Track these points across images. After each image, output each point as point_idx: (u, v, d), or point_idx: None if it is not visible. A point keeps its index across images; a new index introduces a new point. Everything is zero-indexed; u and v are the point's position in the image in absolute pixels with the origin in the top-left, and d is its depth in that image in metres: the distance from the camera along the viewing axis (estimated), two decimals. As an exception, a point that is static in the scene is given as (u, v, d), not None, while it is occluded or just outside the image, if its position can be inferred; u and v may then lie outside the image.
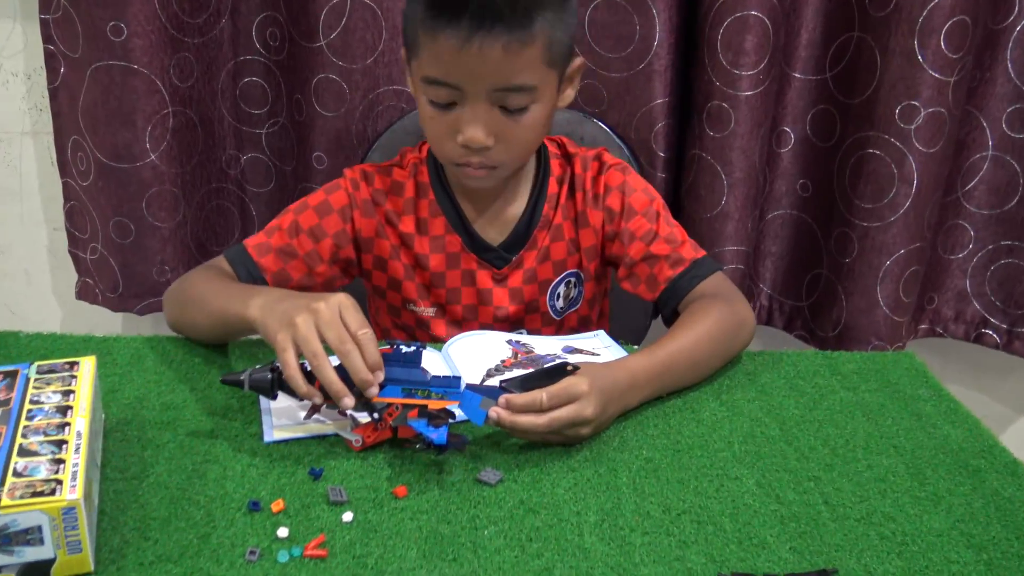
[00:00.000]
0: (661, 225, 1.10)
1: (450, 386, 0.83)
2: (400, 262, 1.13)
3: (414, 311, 1.15)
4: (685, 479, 0.83)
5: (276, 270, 1.07)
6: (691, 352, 0.97)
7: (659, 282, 1.09)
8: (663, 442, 0.89)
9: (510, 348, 1.04)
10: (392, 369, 0.82)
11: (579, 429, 0.84)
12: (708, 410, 0.96)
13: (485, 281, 1.13)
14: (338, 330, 0.81)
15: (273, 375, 0.82)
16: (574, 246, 1.14)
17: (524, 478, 0.81)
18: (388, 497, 0.77)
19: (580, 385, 0.84)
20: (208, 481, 0.78)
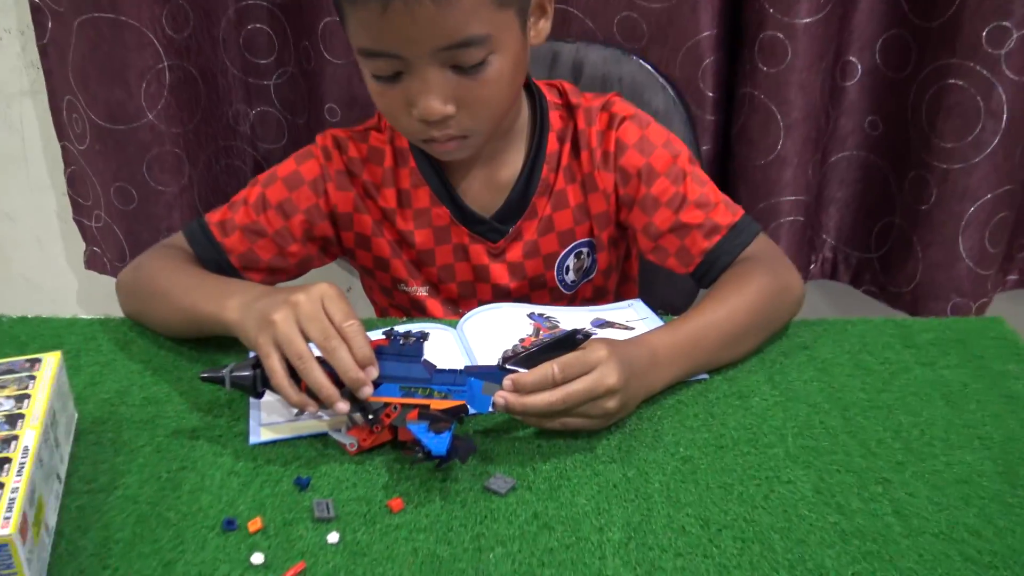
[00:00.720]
0: (689, 186, 0.96)
1: (456, 383, 0.73)
2: (384, 239, 1.02)
3: (406, 291, 1.05)
4: (728, 484, 0.72)
5: (243, 251, 0.97)
6: (725, 326, 0.86)
7: (693, 255, 0.97)
8: (704, 436, 0.78)
9: (531, 323, 0.94)
10: (389, 364, 0.73)
11: (604, 403, 0.74)
12: (758, 394, 0.84)
13: (480, 256, 1.02)
14: (321, 324, 0.71)
15: (256, 372, 0.74)
16: (582, 213, 1.01)
17: (540, 485, 0.72)
18: (382, 511, 0.69)
19: (597, 351, 0.74)
20: (182, 493, 0.71)
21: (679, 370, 0.82)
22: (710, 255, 0.95)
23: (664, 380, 0.81)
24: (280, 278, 1.02)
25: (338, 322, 0.72)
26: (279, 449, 0.76)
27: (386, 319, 0.99)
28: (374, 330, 0.92)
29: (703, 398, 0.84)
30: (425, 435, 0.69)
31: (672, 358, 0.81)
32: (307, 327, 0.72)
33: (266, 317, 0.73)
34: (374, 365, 0.72)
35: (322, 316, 0.72)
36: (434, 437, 0.69)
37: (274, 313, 0.72)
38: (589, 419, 0.75)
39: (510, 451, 0.76)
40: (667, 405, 0.82)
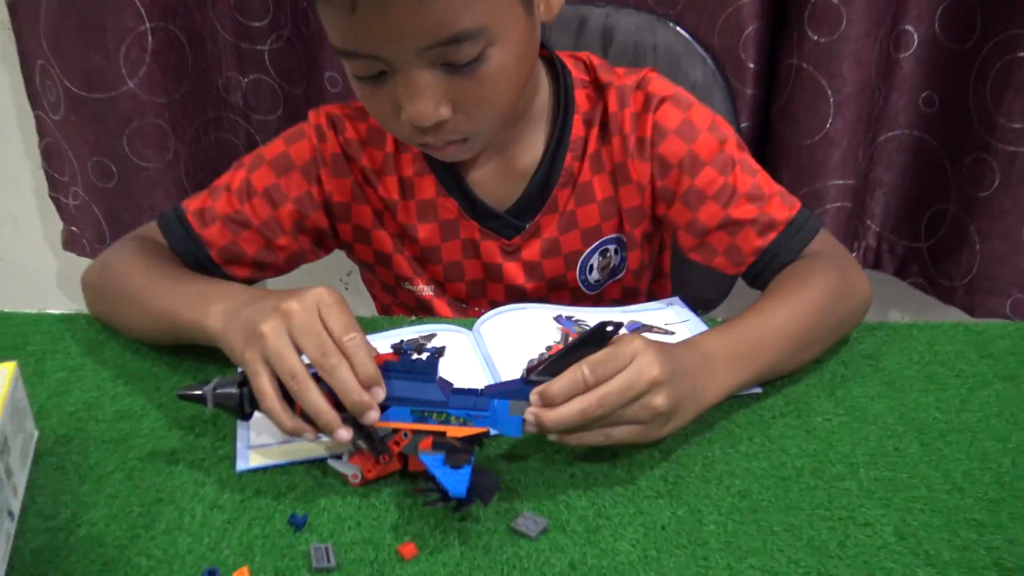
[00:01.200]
0: (740, 177, 0.85)
1: (477, 406, 0.63)
2: (386, 232, 0.92)
3: (411, 290, 0.95)
4: (795, 526, 0.62)
5: (224, 244, 0.87)
6: (788, 328, 0.75)
7: (744, 255, 0.86)
8: (762, 466, 0.68)
9: (558, 328, 0.83)
10: (398, 383, 0.63)
11: (650, 401, 0.63)
12: (819, 413, 0.74)
13: (492, 254, 0.91)
14: (318, 337, 0.61)
15: (243, 391, 0.64)
16: (611, 208, 0.90)
17: (575, 526, 0.62)
18: (391, 559, 0.59)
19: (631, 342, 0.64)
20: (157, 533, 0.61)
21: (736, 378, 0.72)
22: (765, 255, 0.85)
23: (720, 388, 0.71)
24: (268, 274, 0.92)
25: (338, 335, 0.61)
26: (270, 477, 0.66)
27: (391, 318, 0.88)
28: (377, 333, 0.82)
29: (757, 417, 0.74)
30: (441, 471, 0.60)
31: (728, 363, 0.71)
32: (301, 340, 0.61)
33: (254, 328, 0.62)
34: (380, 386, 0.61)
35: (319, 327, 0.62)
36: (452, 473, 0.59)
37: (263, 323, 0.62)
38: (638, 426, 0.64)
39: (538, 482, 0.66)
40: (716, 425, 0.73)
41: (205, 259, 0.87)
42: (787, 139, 1.18)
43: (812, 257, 0.84)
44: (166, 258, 0.85)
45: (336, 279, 1.56)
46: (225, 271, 0.88)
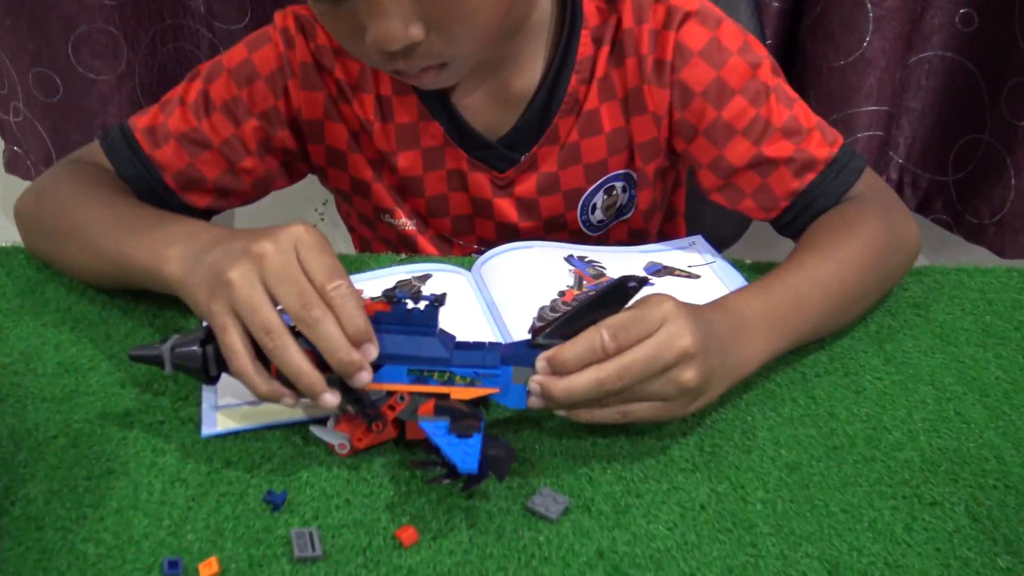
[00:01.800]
0: (774, 108, 0.74)
1: (486, 363, 0.54)
2: (363, 156, 0.81)
3: (392, 223, 0.85)
4: (854, 505, 0.55)
5: (180, 167, 0.76)
6: (832, 285, 0.67)
7: (778, 197, 0.76)
8: (809, 433, 0.60)
9: (570, 270, 0.74)
10: (392, 339, 0.53)
11: (679, 375, 0.54)
12: (869, 371, 0.67)
13: (482, 188, 0.81)
14: (297, 286, 0.52)
15: (207, 349, 0.54)
16: (622, 140, 0.79)
17: (602, 504, 0.54)
18: (387, 546, 0.51)
19: (659, 303, 0.55)
20: (106, 512, 0.52)
21: (773, 345, 0.63)
22: (801, 198, 0.75)
23: (755, 358, 0.62)
24: (233, 202, 0.81)
25: (320, 282, 0.52)
26: (242, 445, 0.57)
27: (377, 256, 0.78)
28: (361, 273, 0.73)
29: (798, 375, 0.66)
30: (446, 441, 0.51)
31: (764, 328, 0.62)
32: (278, 289, 0.52)
33: (221, 275, 0.53)
34: (372, 342, 0.52)
35: (298, 273, 0.52)
36: (459, 444, 0.51)
37: (231, 270, 0.52)
38: (662, 403, 0.56)
39: (555, 452, 0.58)
40: (753, 384, 0.65)
41: (159, 185, 0.76)
42: (817, 59, 1.08)
43: (856, 202, 0.74)
44: (111, 185, 0.74)
45: (311, 209, 1.45)
46: (183, 199, 0.78)
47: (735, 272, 0.76)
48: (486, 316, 0.69)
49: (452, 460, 0.50)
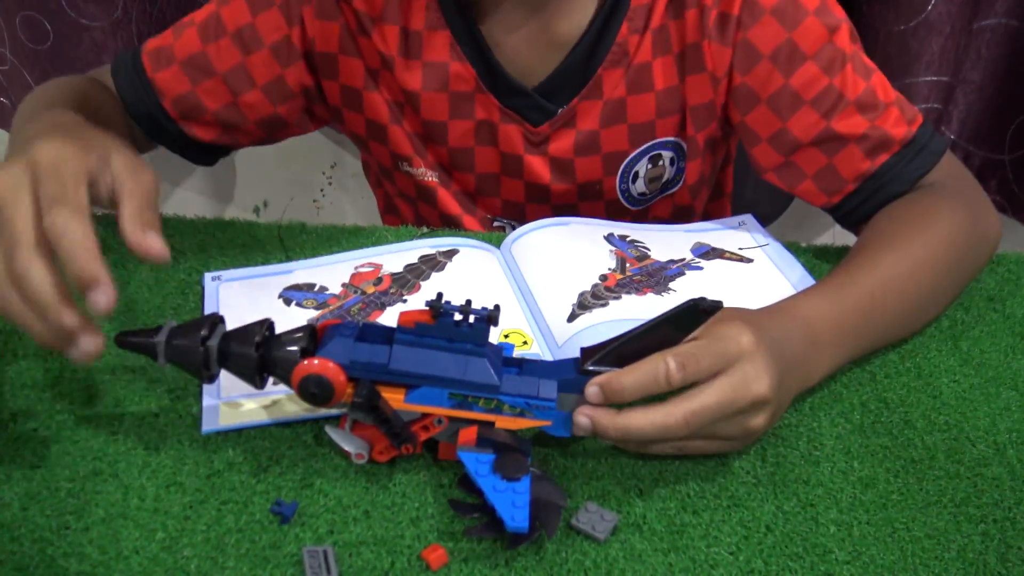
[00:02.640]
0: (849, 78, 0.67)
1: (541, 393, 0.47)
2: (381, 97, 0.74)
3: (410, 173, 0.78)
4: (939, 531, 0.49)
5: (181, 93, 0.72)
6: (907, 287, 0.61)
7: (844, 180, 0.69)
8: (883, 443, 0.54)
9: (611, 251, 0.68)
10: (433, 355, 0.47)
11: (749, 419, 0.49)
12: (944, 372, 0.61)
13: (513, 142, 0.74)
14: (9, 230, 0.43)
15: (208, 346, 0.48)
16: (674, 101, 0.72)
17: (654, 522, 0.48)
18: (413, 568, 0.45)
19: (737, 335, 0.49)
20: (92, 522, 0.46)
21: (844, 355, 0.58)
22: (871, 182, 0.68)
23: (822, 371, 0.56)
24: (239, 139, 0.76)
25: (43, 214, 0.44)
26: (248, 444, 0.51)
27: (397, 229, 0.72)
28: (379, 247, 0.66)
29: (867, 375, 0.60)
30: (491, 485, 0.45)
31: (835, 338, 0.57)
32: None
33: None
34: (104, 283, 0.43)
35: (16, 214, 0.44)
36: (507, 493, 0.45)
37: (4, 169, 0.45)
38: (719, 442, 0.50)
39: (600, 460, 0.52)
40: (819, 388, 0.59)
41: (157, 111, 0.72)
42: (874, 22, 1.00)
43: (932, 190, 0.67)
44: (90, 100, 0.68)
45: (318, 172, 1.38)
46: (183, 128, 0.74)
47: (790, 256, 0.70)
48: (518, 301, 0.63)
49: (499, 513, 0.44)
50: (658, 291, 0.63)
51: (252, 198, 1.41)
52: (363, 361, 0.46)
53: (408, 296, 0.62)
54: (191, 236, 0.69)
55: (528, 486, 0.45)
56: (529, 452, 0.47)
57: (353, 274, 0.65)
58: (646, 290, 0.63)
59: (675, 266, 0.67)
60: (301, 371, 0.45)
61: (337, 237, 0.70)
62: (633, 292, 0.63)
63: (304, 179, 1.39)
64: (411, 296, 0.62)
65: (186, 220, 0.71)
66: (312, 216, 1.41)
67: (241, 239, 0.69)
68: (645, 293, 0.63)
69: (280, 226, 0.70)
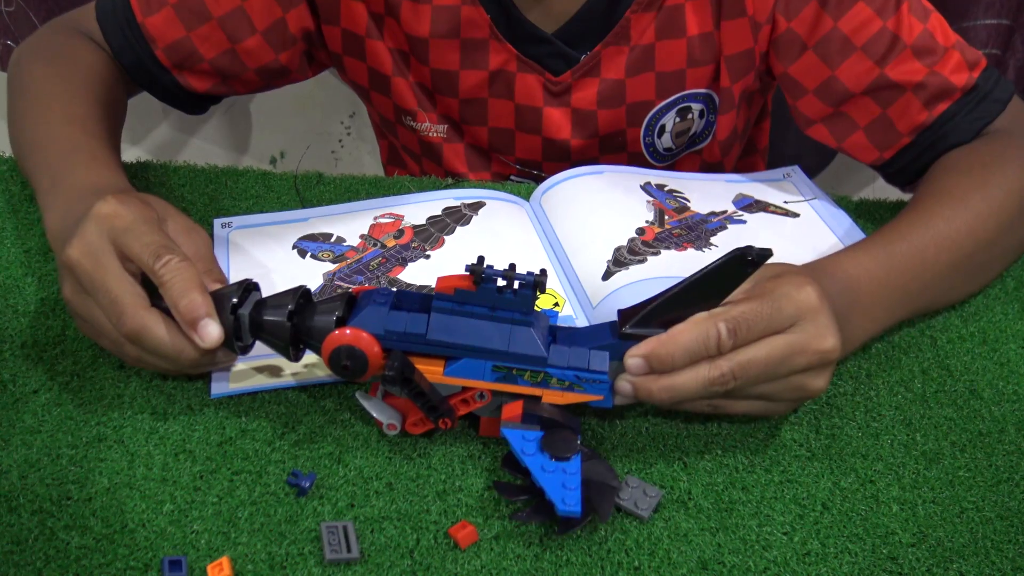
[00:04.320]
0: (905, 20, 0.61)
1: (592, 365, 0.43)
2: (385, 44, 0.69)
3: (414, 128, 0.73)
4: (1012, 511, 0.45)
5: (175, 39, 0.66)
6: (965, 244, 0.56)
7: (899, 134, 0.63)
8: (947, 415, 0.50)
9: (649, 201, 0.63)
10: (475, 324, 0.43)
11: (809, 380, 0.45)
12: (1011, 337, 0.57)
13: (531, 93, 0.69)
14: (106, 296, 0.45)
15: (239, 315, 0.45)
16: (708, 50, 0.67)
17: (700, 499, 0.45)
18: (440, 547, 0.41)
19: (798, 290, 0.45)
20: (95, 492, 0.43)
21: (888, 319, 0.53)
22: (927, 134, 0.62)
23: (864, 335, 0.52)
24: (237, 88, 0.70)
25: (148, 265, 0.45)
26: (261, 408, 0.48)
27: (419, 179, 0.68)
28: (400, 196, 0.63)
29: (928, 340, 0.56)
30: (539, 466, 0.41)
31: (882, 299, 0.52)
32: (93, 302, 0.46)
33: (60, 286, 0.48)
34: (211, 317, 0.45)
35: (108, 282, 0.45)
36: (557, 473, 0.41)
37: (62, 286, 0.48)
38: (764, 403, 0.46)
39: (640, 432, 0.48)
40: (876, 352, 0.54)
41: (149, 60, 0.66)
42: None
43: (995, 137, 0.62)
44: (78, 61, 0.64)
45: (336, 122, 1.33)
46: (178, 79, 0.67)
47: (839, 211, 0.65)
48: (549, 258, 0.59)
49: (549, 496, 0.40)
50: (699, 246, 0.59)
51: (268, 148, 1.37)
52: (399, 331, 0.42)
53: (431, 251, 0.58)
54: (201, 186, 0.65)
55: (579, 466, 0.41)
56: (578, 429, 0.44)
57: (372, 225, 0.61)
58: (686, 245, 0.59)
59: (716, 219, 0.63)
60: (332, 342, 0.42)
61: (356, 188, 0.66)
62: (672, 247, 0.58)
63: (323, 129, 1.34)
64: (434, 251, 0.58)
65: (197, 168, 0.67)
66: (331, 167, 1.37)
67: (255, 189, 0.65)
68: (685, 248, 0.59)
69: (296, 176, 0.66)
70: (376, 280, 0.56)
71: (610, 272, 0.56)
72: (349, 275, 0.56)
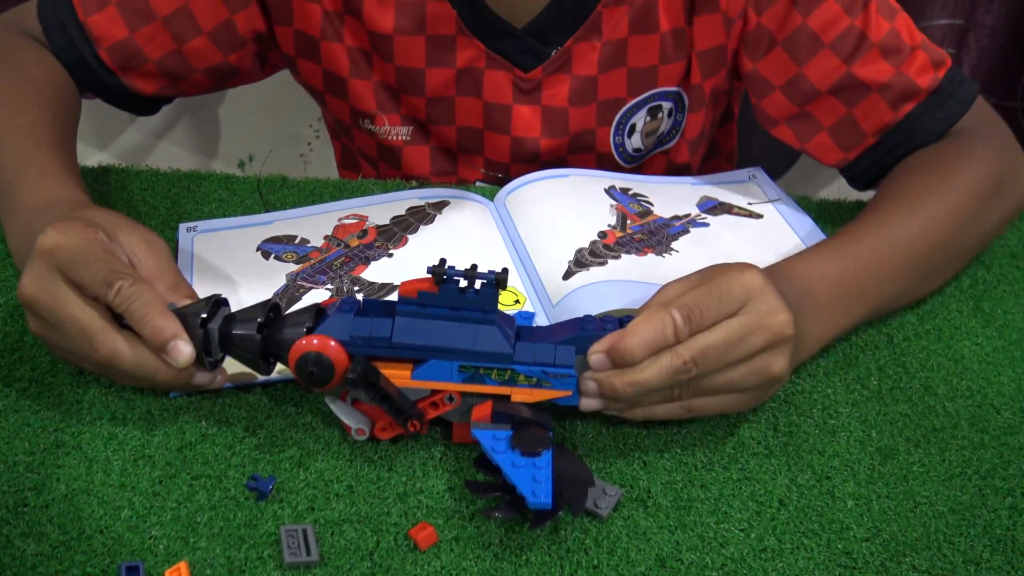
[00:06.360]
0: (873, 19, 0.62)
1: (558, 360, 0.44)
2: (343, 45, 0.68)
3: (372, 131, 0.72)
4: (964, 505, 0.46)
5: (119, 39, 0.64)
6: (916, 248, 0.56)
7: (863, 134, 0.64)
8: (902, 410, 0.51)
9: (612, 206, 0.64)
10: (439, 326, 0.43)
11: (769, 360, 0.45)
12: (965, 334, 0.57)
13: (500, 90, 0.68)
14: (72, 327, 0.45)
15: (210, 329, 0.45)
16: (679, 46, 0.67)
17: (660, 497, 0.45)
18: (400, 548, 0.42)
19: (741, 273, 0.45)
20: (52, 498, 0.43)
21: (844, 320, 0.54)
22: (892, 135, 0.63)
23: (821, 337, 0.53)
24: (185, 89, 0.69)
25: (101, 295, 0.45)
26: (222, 411, 0.48)
27: (383, 182, 0.68)
28: (365, 197, 0.62)
29: (885, 338, 0.57)
30: (509, 462, 0.42)
31: (836, 301, 0.53)
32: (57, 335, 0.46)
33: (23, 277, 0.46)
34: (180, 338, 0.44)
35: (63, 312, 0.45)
36: (528, 468, 0.41)
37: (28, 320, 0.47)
38: (735, 395, 0.46)
39: (601, 432, 0.49)
40: (833, 351, 0.55)
41: (94, 61, 0.64)
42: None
43: (959, 137, 0.63)
44: (22, 64, 0.62)
45: (304, 125, 1.33)
46: (124, 81, 0.65)
47: (802, 213, 0.66)
48: (511, 255, 0.59)
49: (520, 490, 0.41)
50: (659, 252, 0.59)
51: (237, 152, 1.36)
52: (364, 335, 0.43)
53: (394, 250, 0.59)
54: (164, 190, 0.65)
55: (550, 460, 0.42)
56: (549, 425, 0.44)
57: (337, 226, 0.61)
58: (647, 250, 0.59)
59: (679, 223, 0.63)
60: (298, 349, 0.42)
61: (320, 191, 0.66)
62: (633, 252, 0.59)
63: (291, 132, 1.34)
64: (397, 250, 0.59)
65: (159, 173, 0.66)
66: (299, 170, 1.36)
67: (218, 193, 0.65)
68: (646, 254, 0.59)
69: (259, 179, 0.66)
70: (339, 279, 0.56)
71: (571, 272, 0.56)
72: (312, 275, 0.56)
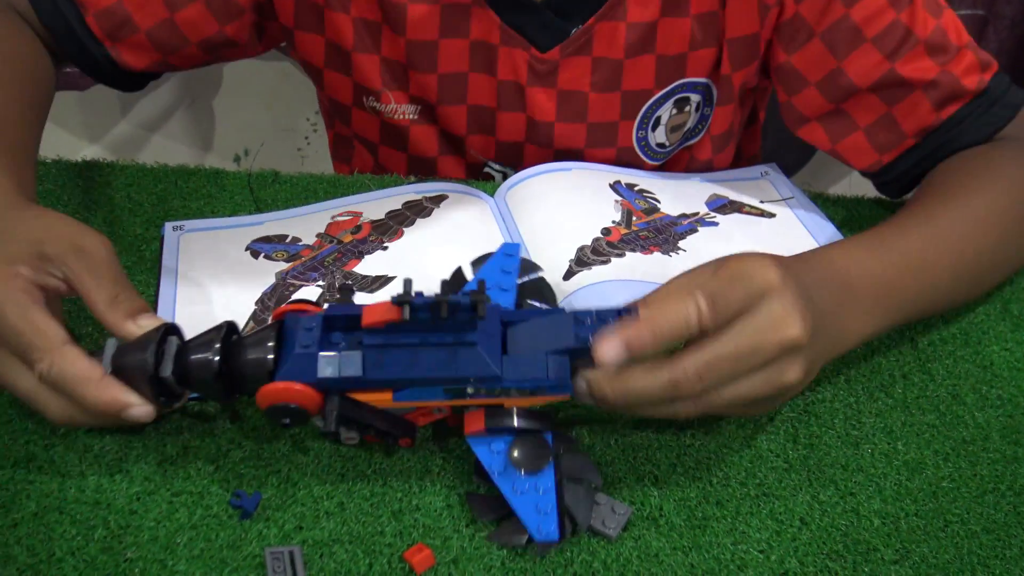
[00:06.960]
0: (919, 14, 0.58)
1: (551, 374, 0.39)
2: (349, 15, 0.63)
3: (377, 109, 0.67)
4: (998, 525, 0.43)
5: (106, 5, 0.60)
6: (961, 250, 0.52)
7: (903, 135, 0.60)
8: (929, 421, 0.48)
9: (617, 200, 0.61)
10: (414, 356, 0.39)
11: (781, 371, 0.41)
12: (994, 338, 0.55)
13: (515, 69, 0.63)
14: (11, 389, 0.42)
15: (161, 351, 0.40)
16: (710, 31, 0.62)
17: (673, 516, 0.42)
18: (395, 571, 0.39)
19: (760, 270, 0.41)
20: (21, 517, 0.40)
21: (885, 318, 0.49)
22: (933, 137, 0.60)
23: (860, 333, 0.48)
24: (176, 63, 0.64)
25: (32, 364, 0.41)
26: (203, 423, 0.45)
27: (381, 178, 0.64)
28: (361, 194, 0.59)
29: (908, 343, 0.54)
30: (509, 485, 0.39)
31: (877, 295, 0.48)
32: None
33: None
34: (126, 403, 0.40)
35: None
36: (529, 490, 0.39)
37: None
38: (748, 405, 0.42)
39: (610, 443, 0.46)
40: (855, 357, 0.52)
41: (81, 29, 0.60)
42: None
43: (1002, 142, 0.59)
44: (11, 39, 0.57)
45: (302, 119, 1.30)
46: (111, 53, 0.61)
47: (817, 211, 0.63)
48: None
49: (523, 522, 0.38)
50: (666, 250, 0.56)
51: (233, 146, 1.33)
52: (332, 377, 0.38)
53: (389, 243, 0.56)
54: (150, 186, 0.62)
55: (552, 481, 0.39)
56: (549, 425, 0.41)
57: (330, 223, 0.58)
58: (652, 248, 0.56)
59: (687, 221, 0.60)
60: (265, 399, 0.38)
61: (313, 187, 0.63)
62: (638, 250, 0.56)
63: (288, 125, 1.31)
64: (392, 243, 0.56)
65: (145, 168, 0.63)
66: (296, 165, 1.33)
67: (207, 189, 0.62)
68: (651, 252, 0.56)
69: (250, 175, 0.63)
70: (331, 275, 0.53)
71: (572, 272, 0.53)
72: (303, 272, 0.53)
